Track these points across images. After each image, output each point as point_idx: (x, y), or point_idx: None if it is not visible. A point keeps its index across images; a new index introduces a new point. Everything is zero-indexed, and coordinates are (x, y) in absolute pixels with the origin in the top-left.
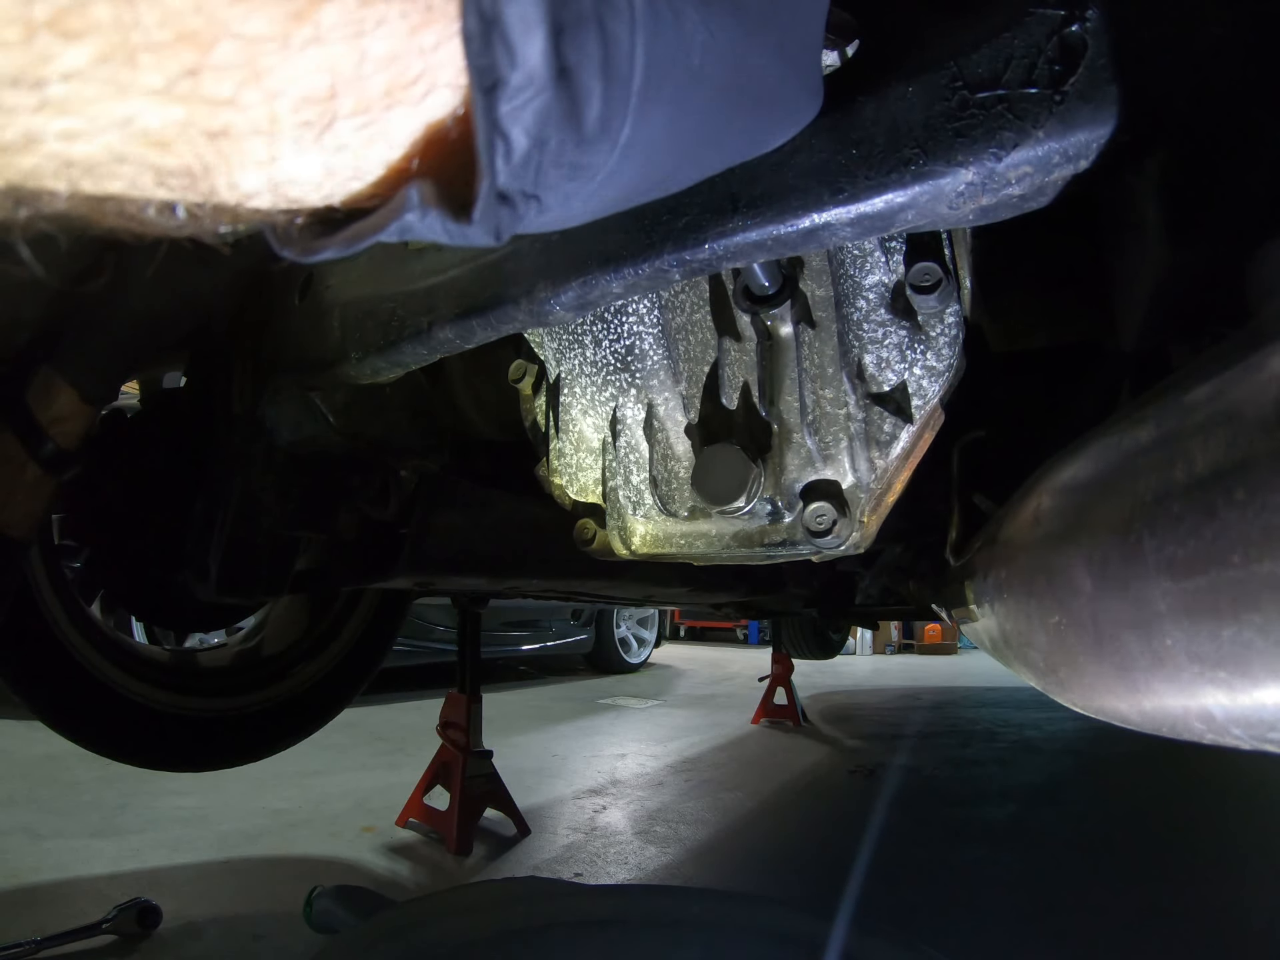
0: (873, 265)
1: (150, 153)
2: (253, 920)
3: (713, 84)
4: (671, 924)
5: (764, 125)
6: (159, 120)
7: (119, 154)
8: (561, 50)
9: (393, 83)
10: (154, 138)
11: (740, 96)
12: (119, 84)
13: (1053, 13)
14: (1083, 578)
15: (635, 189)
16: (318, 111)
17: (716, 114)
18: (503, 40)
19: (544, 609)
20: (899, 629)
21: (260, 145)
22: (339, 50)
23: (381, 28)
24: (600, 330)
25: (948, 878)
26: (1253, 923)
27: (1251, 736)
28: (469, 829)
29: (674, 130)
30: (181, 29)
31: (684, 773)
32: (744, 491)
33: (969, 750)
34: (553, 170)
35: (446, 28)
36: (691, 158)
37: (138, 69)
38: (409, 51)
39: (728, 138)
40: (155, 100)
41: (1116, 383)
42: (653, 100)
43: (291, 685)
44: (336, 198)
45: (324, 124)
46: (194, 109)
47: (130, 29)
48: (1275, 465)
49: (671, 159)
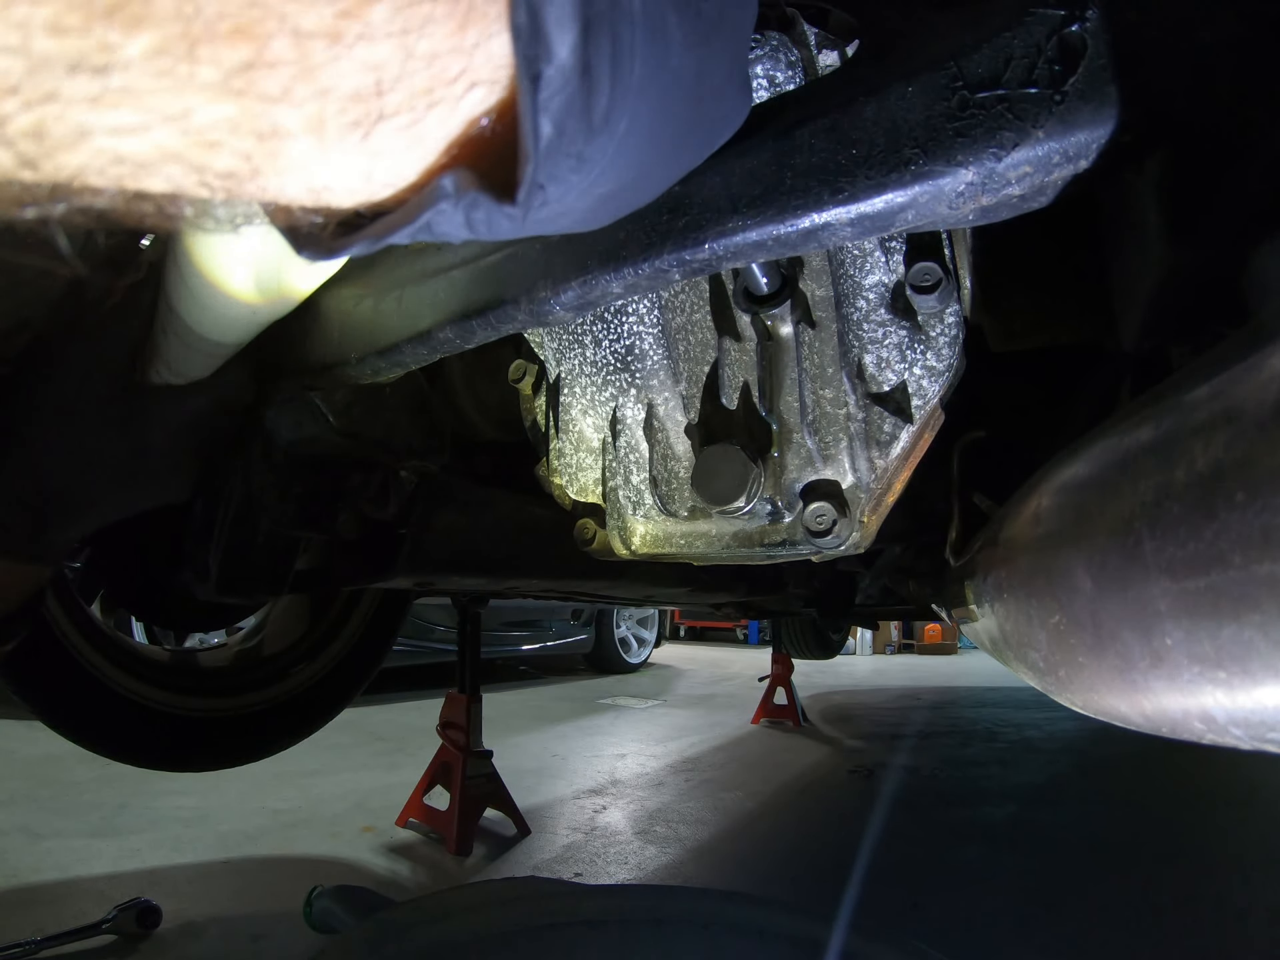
0: (873, 265)
1: (200, 152)
2: (253, 920)
3: (684, 84)
4: (671, 924)
5: (716, 126)
6: (211, 117)
7: (169, 152)
8: (586, 46)
9: (435, 80)
10: (205, 136)
11: (701, 97)
12: (176, 77)
13: (1053, 13)
14: (1083, 578)
15: (621, 185)
16: (364, 111)
17: (687, 113)
18: (542, 35)
19: (544, 609)
20: (899, 629)
21: (308, 146)
22: (387, 48)
23: (428, 26)
24: (600, 330)
25: (947, 878)
26: (1253, 922)
27: (1251, 736)
28: (469, 829)
29: (657, 127)
30: (239, 22)
31: (684, 773)
32: (744, 491)
33: (969, 750)
34: (563, 160)
35: (487, 26)
36: (667, 157)
37: (196, 62)
38: (452, 49)
39: (692, 138)
40: (209, 96)
41: (1116, 383)
42: (644, 97)
43: (291, 685)
44: (367, 203)
45: (370, 122)
46: (246, 105)
47: (191, 20)
48: (1275, 465)
49: (653, 156)
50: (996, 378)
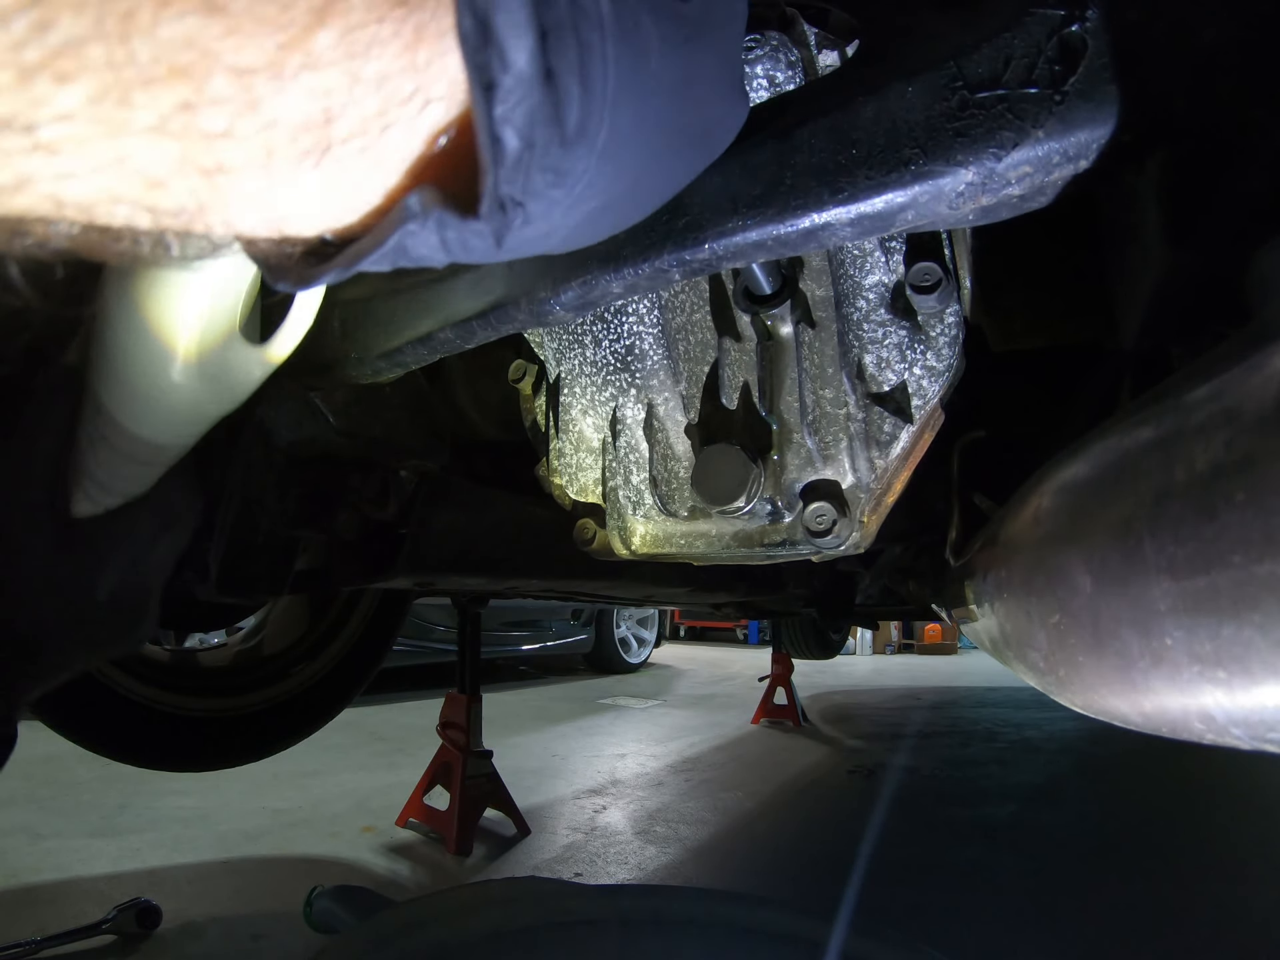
0: (873, 265)
1: (146, 192)
2: (253, 920)
3: (668, 89)
4: (671, 924)
5: (712, 131)
6: (153, 158)
7: (114, 194)
8: (546, 53)
9: (387, 102)
10: (149, 176)
11: (690, 102)
12: (112, 123)
13: (1053, 13)
14: (1083, 577)
15: (612, 199)
16: (314, 139)
17: (676, 119)
18: (494, 44)
19: (544, 609)
20: (899, 629)
21: (257, 179)
22: (333, 75)
23: (374, 48)
24: (600, 330)
25: (947, 878)
26: (1253, 921)
27: (1251, 736)
28: (469, 829)
29: (643, 135)
30: (174, 64)
31: (684, 773)
32: (744, 491)
33: (969, 750)
34: (538, 175)
35: (437, 43)
36: (661, 167)
37: (131, 107)
38: (403, 69)
39: (687, 145)
40: (149, 138)
41: (1116, 383)
42: (623, 105)
43: (291, 685)
44: (332, 230)
45: (321, 151)
46: (189, 145)
47: (123, 67)
48: (1275, 465)
49: (644, 166)
50: (996, 378)
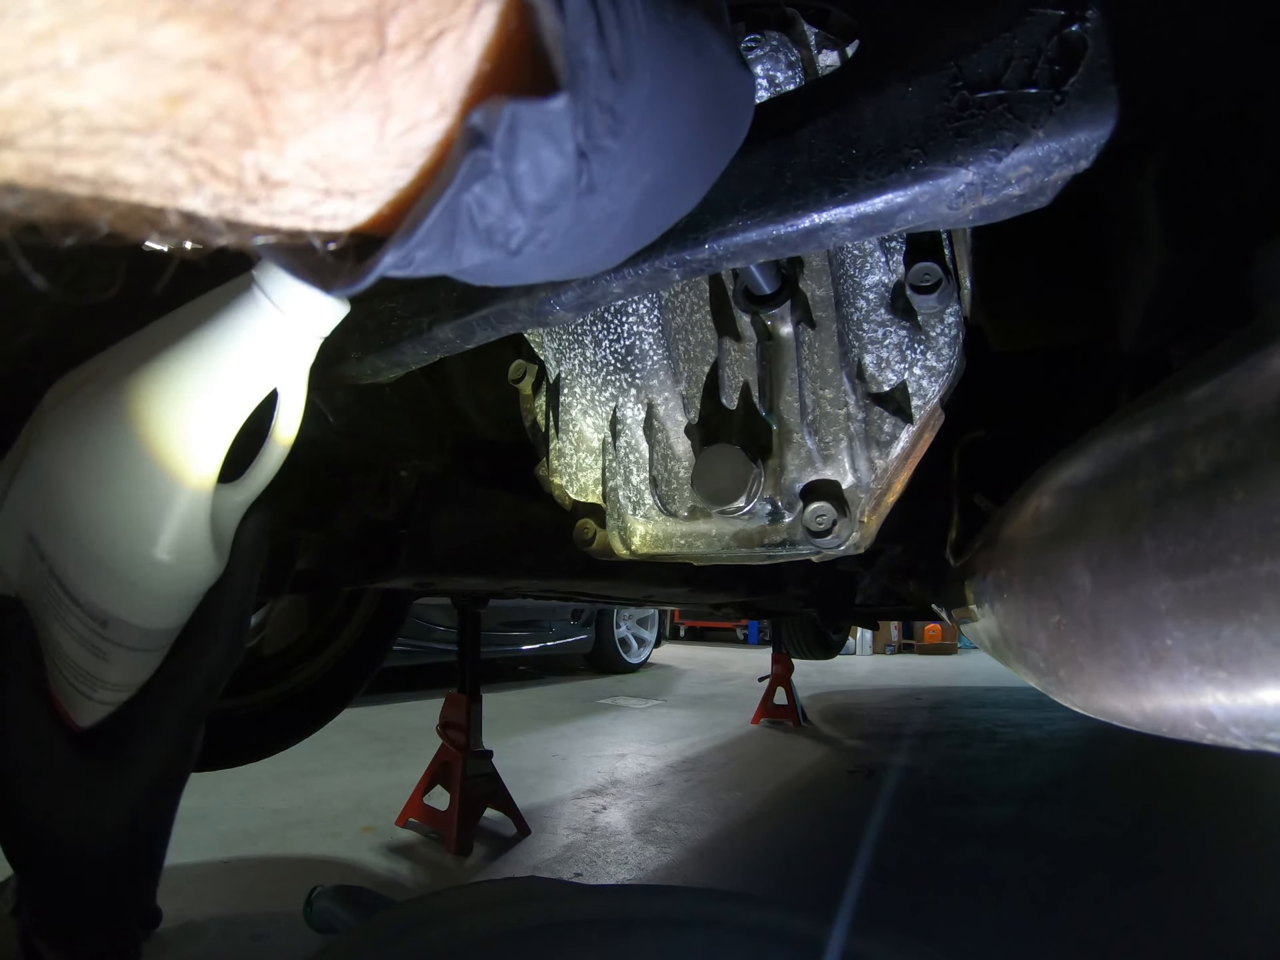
0: (873, 265)
1: (178, 112)
2: (253, 920)
3: (687, 45)
4: (671, 924)
5: (732, 108)
6: (191, 52)
7: (142, 113)
8: None
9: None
10: (184, 85)
11: (708, 63)
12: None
13: (1053, 13)
14: (1082, 578)
15: (663, 174)
16: (365, 43)
17: (701, 80)
18: None
19: (544, 609)
20: (899, 629)
21: (305, 96)
22: None
23: None
24: (600, 330)
25: (948, 878)
26: (1253, 922)
27: (1251, 736)
28: (469, 829)
29: (679, 94)
30: None
31: (684, 773)
32: (744, 491)
33: (969, 750)
34: (597, 113)
35: None
36: (699, 142)
37: None
38: None
39: (717, 116)
40: (187, 29)
41: (1116, 383)
42: (652, 51)
43: (292, 685)
44: (383, 198)
45: (374, 58)
46: (230, 38)
47: None
48: (1275, 465)
49: (684, 135)
50: (996, 378)
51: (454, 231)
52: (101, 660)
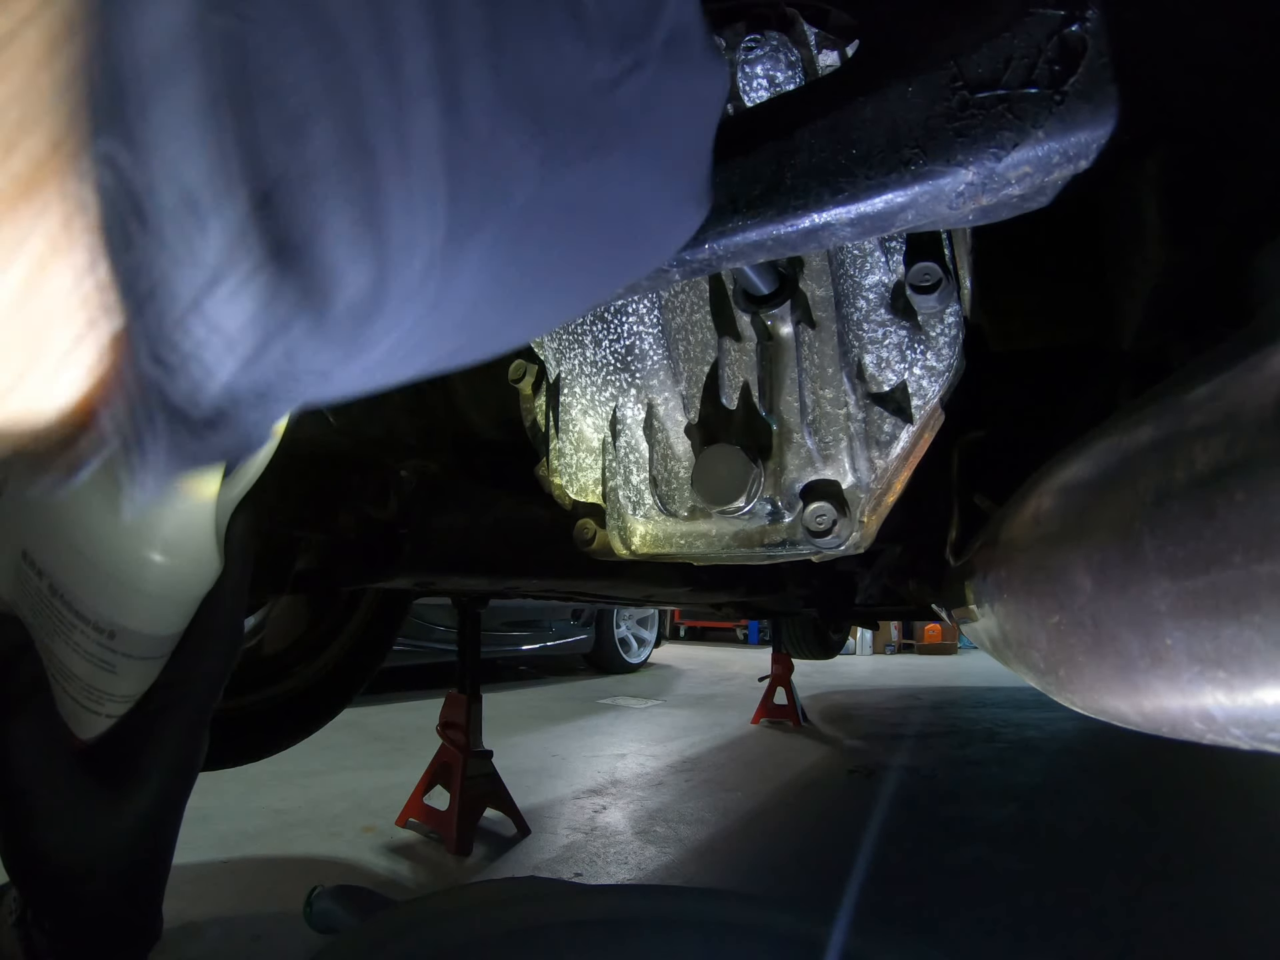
0: (873, 265)
1: None
2: (253, 920)
3: (549, 212)
4: (671, 924)
5: (638, 241)
6: None
7: None
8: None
9: None
10: None
11: (592, 219)
12: None
13: (1053, 13)
14: (1083, 578)
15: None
16: None
17: (562, 242)
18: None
19: (544, 609)
20: (899, 629)
21: None
22: None
23: None
24: (600, 330)
25: (948, 878)
26: (1254, 922)
27: (1251, 736)
28: (469, 829)
29: (507, 275)
30: None
31: (684, 773)
32: (744, 491)
33: (969, 750)
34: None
35: None
36: (539, 295)
37: None
38: None
39: (581, 268)
40: None
41: (1116, 383)
42: (469, 248)
43: (291, 685)
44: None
45: None
46: None
47: None
48: (1275, 465)
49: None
50: (996, 378)
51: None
52: (111, 674)
